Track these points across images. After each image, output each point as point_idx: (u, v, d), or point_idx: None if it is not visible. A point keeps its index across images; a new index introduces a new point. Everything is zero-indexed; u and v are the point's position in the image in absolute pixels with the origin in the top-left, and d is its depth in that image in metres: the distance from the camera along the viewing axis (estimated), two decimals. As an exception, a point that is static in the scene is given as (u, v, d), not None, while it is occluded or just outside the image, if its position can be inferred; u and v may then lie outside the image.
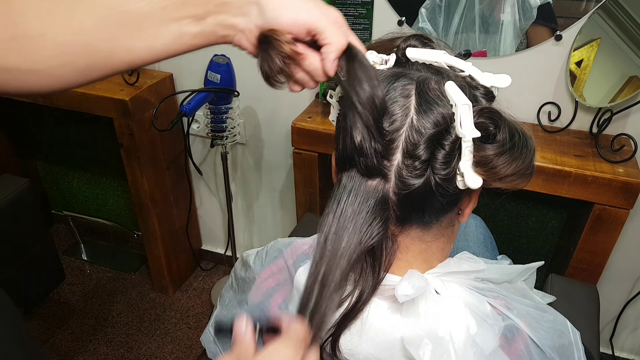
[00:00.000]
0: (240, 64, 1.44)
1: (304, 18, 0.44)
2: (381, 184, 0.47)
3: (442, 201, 0.47)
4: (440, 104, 0.46)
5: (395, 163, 0.46)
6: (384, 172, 0.46)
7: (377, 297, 0.52)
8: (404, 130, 0.46)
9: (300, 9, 0.44)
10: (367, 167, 0.46)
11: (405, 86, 0.47)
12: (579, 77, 1.14)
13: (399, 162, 0.46)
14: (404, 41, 0.53)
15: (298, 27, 0.44)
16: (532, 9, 1.12)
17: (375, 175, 0.46)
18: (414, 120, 0.46)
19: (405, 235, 0.51)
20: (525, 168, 0.47)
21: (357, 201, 0.46)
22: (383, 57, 0.51)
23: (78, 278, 1.90)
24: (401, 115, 0.46)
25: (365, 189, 0.46)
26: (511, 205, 1.39)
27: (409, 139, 0.45)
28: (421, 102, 0.46)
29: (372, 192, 0.46)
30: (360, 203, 0.46)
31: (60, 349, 1.61)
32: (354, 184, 0.47)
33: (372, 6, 1.21)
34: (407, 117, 0.46)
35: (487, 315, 0.52)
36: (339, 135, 0.49)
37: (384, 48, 0.53)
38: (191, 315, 1.75)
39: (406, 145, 0.45)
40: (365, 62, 0.47)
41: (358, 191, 0.46)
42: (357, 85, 0.44)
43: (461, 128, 0.44)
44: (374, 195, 0.46)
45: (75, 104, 1.46)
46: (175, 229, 1.75)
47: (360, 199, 0.46)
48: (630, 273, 1.39)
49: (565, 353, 0.52)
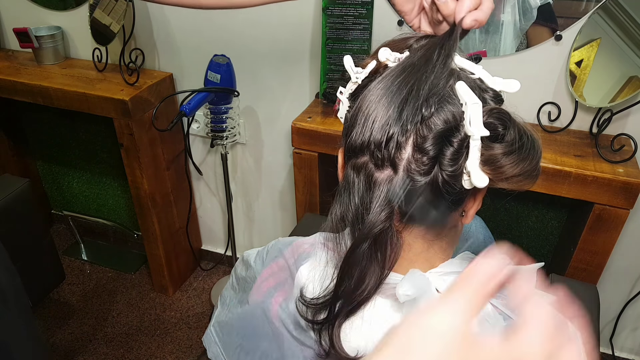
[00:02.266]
0: (241, 64, 1.44)
1: None
2: (391, 176, 0.47)
3: (447, 199, 0.48)
4: (451, 102, 0.47)
5: (405, 156, 0.46)
6: (395, 164, 0.46)
7: (380, 295, 0.52)
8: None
9: None
10: (381, 157, 0.47)
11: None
12: (579, 77, 1.14)
13: (409, 156, 0.46)
14: (416, 41, 0.53)
15: None
16: (532, 9, 1.12)
17: (386, 167, 0.47)
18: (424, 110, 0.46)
19: (408, 232, 0.51)
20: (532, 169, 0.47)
21: (366, 190, 0.47)
22: (396, 55, 0.52)
23: (78, 278, 1.90)
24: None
25: (375, 179, 0.47)
26: (511, 205, 1.39)
27: (419, 133, 0.46)
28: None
29: (381, 183, 0.47)
30: (368, 192, 0.47)
31: (60, 349, 1.61)
32: (364, 172, 0.47)
33: (372, 6, 1.21)
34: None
35: (488, 315, 0.52)
36: (350, 128, 0.49)
37: (397, 47, 0.53)
38: (191, 315, 1.75)
39: (416, 139, 0.46)
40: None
41: (368, 180, 0.47)
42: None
43: (470, 126, 0.44)
44: (383, 187, 0.47)
45: (76, 104, 1.46)
46: (175, 229, 1.75)
47: (369, 188, 0.47)
48: (630, 273, 1.39)
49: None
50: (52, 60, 1.61)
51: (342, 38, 1.25)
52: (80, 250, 2.03)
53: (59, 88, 1.45)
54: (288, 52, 1.40)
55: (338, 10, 1.22)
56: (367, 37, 1.25)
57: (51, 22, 1.62)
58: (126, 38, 1.46)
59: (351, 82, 0.54)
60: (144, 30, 1.52)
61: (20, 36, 1.54)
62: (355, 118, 0.49)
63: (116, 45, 1.52)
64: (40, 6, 1.60)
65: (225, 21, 1.42)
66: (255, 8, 1.36)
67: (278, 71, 1.45)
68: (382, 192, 0.47)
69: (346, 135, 0.50)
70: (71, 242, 2.08)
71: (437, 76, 0.47)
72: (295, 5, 1.32)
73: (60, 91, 1.46)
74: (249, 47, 1.44)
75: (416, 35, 0.55)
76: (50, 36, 1.58)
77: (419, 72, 0.47)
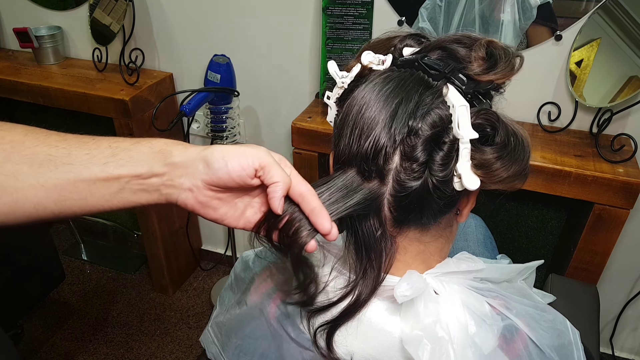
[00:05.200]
0: (241, 64, 1.44)
1: (252, 157, 0.43)
2: (378, 186, 0.47)
3: (439, 203, 0.47)
4: (437, 105, 0.46)
5: (393, 166, 0.46)
6: (383, 175, 0.46)
7: (376, 297, 0.52)
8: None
9: (247, 153, 0.43)
10: (368, 170, 0.46)
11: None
12: (579, 77, 1.14)
13: (397, 166, 0.46)
14: (400, 41, 0.53)
15: (247, 168, 0.43)
16: (532, 9, 1.12)
17: (373, 178, 0.47)
18: (411, 122, 0.46)
19: (403, 236, 0.51)
20: (522, 169, 0.47)
21: (353, 200, 0.46)
22: (380, 58, 0.51)
23: (78, 278, 1.91)
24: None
25: (362, 190, 0.47)
26: (511, 205, 1.39)
27: (407, 142, 0.45)
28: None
29: (368, 193, 0.47)
30: (355, 202, 0.46)
31: (60, 349, 1.61)
32: (351, 183, 0.47)
33: (372, 6, 1.21)
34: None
35: (486, 315, 0.52)
36: (338, 138, 0.49)
37: (381, 47, 0.53)
38: (191, 315, 1.75)
39: (404, 148, 0.45)
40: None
41: (355, 191, 0.47)
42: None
43: (459, 129, 0.44)
44: (370, 197, 0.46)
45: (76, 104, 1.46)
46: (175, 229, 1.75)
47: (356, 199, 0.46)
48: (630, 273, 1.39)
49: (564, 352, 0.52)
50: (52, 60, 1.61)
51: (342, 38, 1.25)
52: (80, 250, 2.04)
53: (59, 88, 1.45)
54: (288, 52, 1.40)
55: (338, 10, 1.22)
56: (367, 37, 1.25)
57: (51, 22, 1.62)
58: (126, 38, 1.46)
59: (337, 87, 0.54)
60: (144, 30, 1.52)
61: (20, 36, 1.54)
62: (342, 128, 0.48)
63: (116, 45, 1.52)
64: (40, 6, 1.60)
65: (225, 21, 1.42)
66: (255, 8, 1.36)
67: (278, 71, 1.44)
68: (367, 202, 0.47)
69: (335, 144, 0.50)
70: (71, 242, 2.08)
71: (422, 93, 0.46)
72: (295, 5, 1.32)
73: (60, 91, 1.46)
74: (249, 47, 1.44)
75: (400, 34, 0.54)
76: (50, 36, 1.58)
77: (405, 85, 0.47)
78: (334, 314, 0.50)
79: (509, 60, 0.47)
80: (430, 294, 0.51)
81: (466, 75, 0.47)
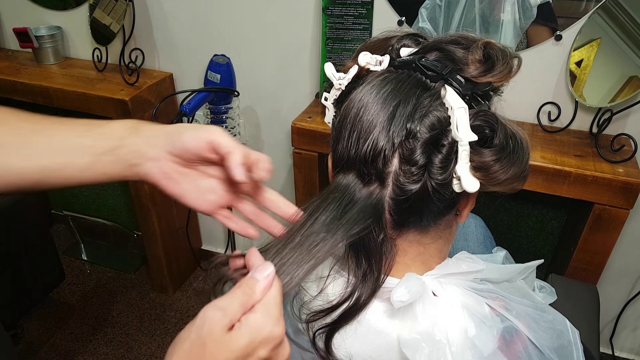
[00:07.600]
0: (241, 64, 1.44)
1: (206, 130, 0.47)
2: (378, 189, 0.47)
3: (439, 205, 0.47)
4: (435, 107, 0.46)
5: (392, 169, 0.46)
6: (382, 178, 0.46)
7: (376, 299, 0.52)
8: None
9: (203, 127, 0.48)
10: (367, 173, 0.46)
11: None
12: (579, 77, 1.14)
13: (396, 169, 0.46)
14: (397, 41, 0.52)
15: (200, 138, 0.47)
16: (532, 9, 1.12)
17: (374, 181, 0.46)
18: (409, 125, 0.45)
19: (403, 238, 0.50)
20: (522, 171, 0.47)
21: (352, 205, 0.46)
22: (377, 58, 0.51)
23: (78, 278, 1.91)
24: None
25: (362, 194, 0.47)
26: (511, 205, 1.39)
27: (406, 145, 0.45)
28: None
29: (368, 197, 0.46)
30: (355, 208, 0.46)
31: (60, 349, 1.62)
32: (351, 187, 0.47)
33: (372, 6, 1.21)
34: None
35: (485, 317, 0.51)
36: (336, 141, 0.49)
37: (378, 48, 0.53)
38: (191, 315, 1.74)
39: (403, 151, 0.45)
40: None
41: (354, 196, 0.47)
42: None
43: (458, 132, 0.44)
44: (369, 201, 0.46)
45: (75, 104, 1.46)
46: (175, 229, 1.75)
47: (355, 203, 0.46)
48: (630, 273, 1.39)
49: (564, 353, 0.52)
50: (52, 60, 1.61)
51: (342, 38, 1.25)
52: (80, 250, 2.04)
53: (59, 88, 1.45)
54: (288, 52, 1.40)
55: (338, 10, 1.22)
56: (367, 37, 1.25)
57: (51, 22, 1.62)
58: (126, 38, 1.46)
59: (334, 89, 0.54)
60: (144, 30, 1.52)
61: (20, 36, 1.54)
62: (340, 131, 0.48)
63: (116, 45, 1.52)
64: (40, 6, 1.60)
65: (225, 21, 1.42)
66: (255, 8, 1.36)
67: (278, 71, 1.44)
68: (367, 207, 0.46)
69: (333, 146, 0.50)
70: (71, 242, 2.08)
71: (420, 96, 0.46)
72: (295, 5, 1.32)
73: (60, 91, 1.46)
74: (249, 47, 1.44)
75: (398, 33, 0.54)
76: (50, 36, 1.58)
77: (403, 87, 0.47)
78: (334, 316, 0.50)
79: (507, 62, 0.47)
80: (429, 296, 0.51)
81: (464, 77, 0.47)
